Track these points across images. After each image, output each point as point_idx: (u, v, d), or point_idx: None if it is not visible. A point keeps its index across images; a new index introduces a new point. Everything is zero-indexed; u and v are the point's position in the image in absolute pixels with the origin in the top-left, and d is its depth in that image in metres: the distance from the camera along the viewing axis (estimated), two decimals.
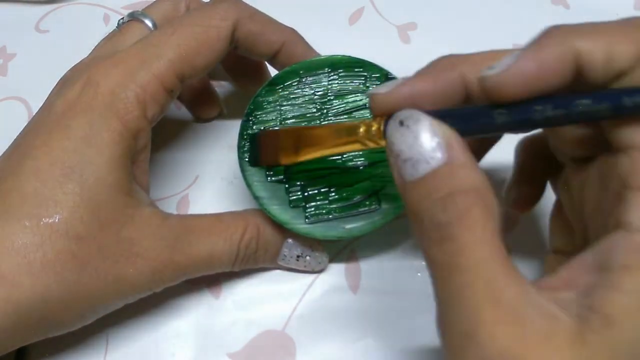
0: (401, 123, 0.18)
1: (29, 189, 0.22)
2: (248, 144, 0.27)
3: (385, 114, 0.20)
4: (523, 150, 0.26)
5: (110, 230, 0.23)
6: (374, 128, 0.21)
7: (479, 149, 0.26)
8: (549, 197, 0.31)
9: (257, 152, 0.26)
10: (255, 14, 0.27)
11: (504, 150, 0.27)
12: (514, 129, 0.19)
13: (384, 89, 0.20)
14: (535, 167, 0.26)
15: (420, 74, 0.20)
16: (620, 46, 0.17)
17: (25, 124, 0.25)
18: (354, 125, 0.21)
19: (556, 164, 0.23)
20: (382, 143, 0.20)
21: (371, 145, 0.21)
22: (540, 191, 0.26)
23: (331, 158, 0.27)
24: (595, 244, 0.18)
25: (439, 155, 0.17)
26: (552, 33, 0.18)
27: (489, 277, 0.16)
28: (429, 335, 0.28)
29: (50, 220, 0.22)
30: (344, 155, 0.27)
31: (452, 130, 0.18)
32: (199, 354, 0.28)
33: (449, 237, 0.17)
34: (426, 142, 0.18)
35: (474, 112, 0.19)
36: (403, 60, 0.36)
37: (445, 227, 0.17)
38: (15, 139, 0.25)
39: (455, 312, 0.17)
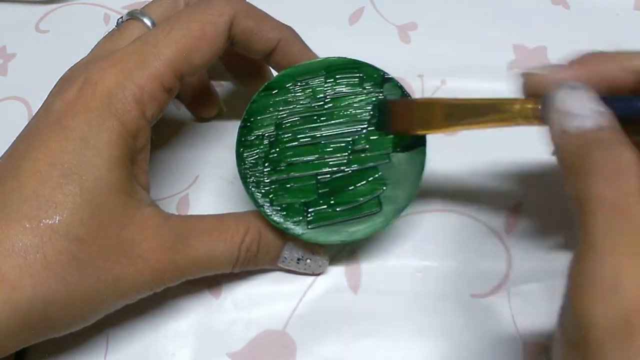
0: (573, 87, 0.20)
1: (28, 191, 0.22)
2: (377, 109, 0.27)
3: (539, 94, 0.22)
4: None
5: (110, 231, 0.23)
6: (529, 106, 0.22)
7: None
8: (545, 197, 0.31)
9: (389, 118, 0.26)
10: (251, 10, 0.27)
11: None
12: None
13: (542, 70, 0.23)
14: None
15: (572, 63, 0.23)
16: None
17: (26, 124, 0.25)
18: (508, 102, 0.22)
19: None
20: (535, 122, 0.22)
21: (524, 123, 0.22)
22: None
23: (323, 170, 0.27)
24: None
25: (603, 118, 0.20)
26: None
27: (632, 230, 0.17)
28: (429, 335, 0.28)
29: (50, 222, 0.22)
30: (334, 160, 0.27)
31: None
32: (199, 354, 0.28)
33: (623, 175, 0.18)
34: (594, 104, 0.20)
35: (624, 99, 0.21)
36: (403, 60, 0.36)
37: (619, 165, 0.18)
38: (14, 140, 0.25)
39: (606, 258, 0.17)
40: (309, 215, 0.27)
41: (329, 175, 0.27)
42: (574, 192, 0.19)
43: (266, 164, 0.27)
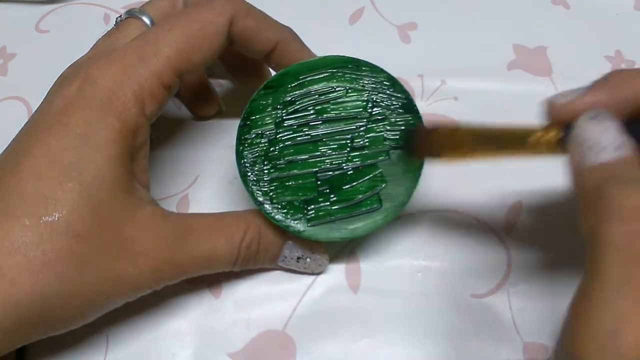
0: (593, 117, 0.20)
1: (28, 188, 0.22)
2: (404, 135, 0.27)
3: (563, 122, 0.21)
4: None
5: (110, 228, 0.23)
6: (551, 135, 0.21)
7: None
8: (545, 197, 0.31)
9: (415, 144, 0.26)
10: (251, 10, 0.27)
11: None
12: None
13: (563, 98, 0.22)
14: None
15: (598, 85, 0.22)
16: None
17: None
18: (529, 132, 0.22)
19: None
20: (557, 152, 0.21)
21: (545, 151, 0.22)
22: None
23: (323, 168, 0.27)
24: None
25: (622, 150, 0.19)
26: None
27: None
28: (428, 335, 0.28)
29: (50, 219, 0.22)
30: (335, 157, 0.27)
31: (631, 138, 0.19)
32: (199, 354, 0.28)
33: (619, 217, 0.17)
34: (614, 135, 0.19)
35: None
36: (403, 60, 0.36)
37: (637, 205, 0.17)
38: (14, 138, 0.25)
39: (609, 305, 0.16)
40: (309, 212, 0.27)
41: (329, 173, 0.27)
42: (587, 229, 0.18)
43: (266, 162, 0.27)
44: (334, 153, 0.27)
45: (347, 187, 0.27)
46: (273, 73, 0.29)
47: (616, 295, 0.16)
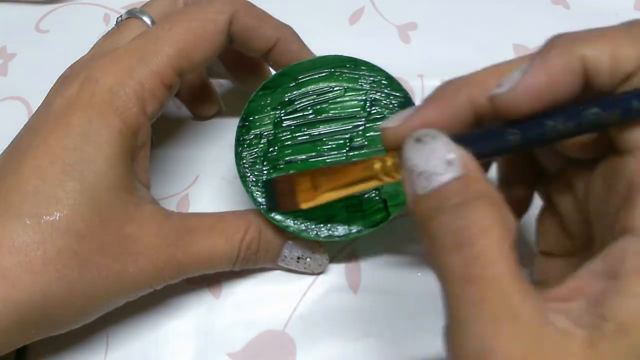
0: (418, 140, 0.18)
1: (29, 187, 0.22)
2: (263, 190, 0.26)
3: (397, 148, 0.19)
4: (504, 162, 0.25)
5: (111, 227, 0.23)
6: (389, 163, 0.20)
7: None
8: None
9: (274, 198, 0.26)
10: (251, 8, 0.27)
11: None
12: (527, 147, 0.19)
13: (392, 122, 0.20)
14: (520, 175, 0.25)
15: (427, 102, 0.20)
16: (624, 49, 0.17)
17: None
18: (368, 163, 0.21)
19: (540, 170, 0.23)
20: (398, 177, 0.20)
21: (388, 180, 0.21)
22: (527, 200, 0.25)
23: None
24: (604, 251, 0.17)
25: (454, 169, 0.17)
26: (556, 43, 0.18)
27: (506, 291, 0.16)
28: (429, 335, 0.28)
29: (50, 219, 0.22)
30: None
31: (466, 151, 0.18)
32: (199, 354, 0.28)
33: (466, 242, 0.16)
34: (442, 156, 0.18)
35: (486, 135, 0.19)
36: (403, 60, 0.36)
37: (462, 231, 0.16)
38: (15, 138, 0.25)
39: (469, 327, 0.16)
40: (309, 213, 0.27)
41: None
42: (429, 260, 0.18)
43: (265, 163, 0.27)
44: (332, 153, 0.27)
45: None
46: (273, 72, 0.29)
47: (472, 321, 0.16)
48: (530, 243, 0.30)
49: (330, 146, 0.27)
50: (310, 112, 0.27)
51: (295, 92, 0.27)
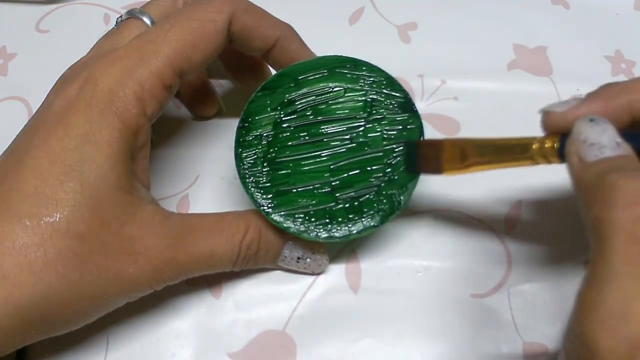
0: (592, 120, 0.21)
1: (29, 188, 0.22)
2: (405, 151, 0.27)
3: (558, 131, 0.22)
4: None
5: (111, 228, 0.23)
6: (547, 145, 0.22)
7: None
8: (545, 197, 0.31)
9: (415, 160, 0.26)
10: (250, 7, 0.27)
11: None
12: None
13: (560, 108, 0.23)
14: None
15: (590, 97, 0.22)
16: None
17: (25, 124, 0.25)
18: (526, 142, 0.23)
19: None
20: (554, 160, 0.22)
21: (542, 162, 0.22)
22: None
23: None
24: None
25: (622, 149, 0.20)
26: None
27: None
28: (429, 335, 0.28)
29: (51, 219, 0.22)
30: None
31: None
32: (199, 354, 0.28)
33: (618, 202, 0.18)
34: (612, 136, 0.20)
35: None
36: (403, 60, 0.36)
37: (618, 192, 0.18)
38: (15, 138, 0.25)
39: (620, 284, 0.17)
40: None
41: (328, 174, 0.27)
42: (591, 219, 0.19)
43: (265, 164, 0.27)
44: (333, 154, 0.27)
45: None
46: (273, 73, 0.29)
47: (622, 278, 0.17)
48: None
49: (330, 147, 0.27)
50: (310, 112, 0.27)
51: (295, 93, 0.27)
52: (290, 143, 0.27)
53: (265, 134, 0.27)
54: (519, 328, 0.28)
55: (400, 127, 0.27)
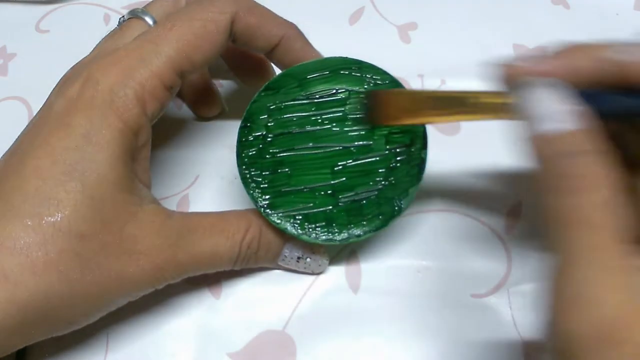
0: (545, 85, 0.20)
1: (30, 188, 0.22)
2: (364, 101, 0.27)
3: (515, 86, 0.21)
4: None
5: (112, 227, 0.23)
6: (499, 100, 0.22)
7: None
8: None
9: (373, 110, 0.26)
10: (254, 6, 0.27)
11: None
12: None
13: (522, 62, 0.21)
14: None
15: (556, 54, 0.21)
16: None
17: (26, 124, 0.25)
18: (480, 94, 0.22)
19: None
20: (504, 116, 0.21)
21: (493, 115, 0.22)
22: None
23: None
24: None
25: (575, 120, 0.19)
26: None
27: (604, 243, 0.17)
28: (429, 335, 0.28)
29: (52, 219, 0.22)
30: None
31: (591, 107, 0.19)
32: (199, 354, 0.28)
33: (572, 189, 0.18)
34: (570, 103, 0.19)
35: (609, 95, 0.20)
36: (403, 60, 0.36)
37: (571, 179, 0.18)
38: (16, 139, 0.25)
39: (575, 274, 0.17)
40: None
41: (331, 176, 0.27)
42: (549, 204, 0.19)
43: (266, 165, 0.27)
44: (336, 154, 0.27)
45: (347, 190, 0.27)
46: (278, 71, 0.29)
47: (585, 266, 0.17)
48: None
49: (333, 149, 0.27)
50: (313, 113, 0.27)
51: (298, 94, 0.27)
52: (292, 144, 0.27)
53: (267, 134, 0.27)
54: (519, 328, 0.28)
55: (404, 129, 0.27)
